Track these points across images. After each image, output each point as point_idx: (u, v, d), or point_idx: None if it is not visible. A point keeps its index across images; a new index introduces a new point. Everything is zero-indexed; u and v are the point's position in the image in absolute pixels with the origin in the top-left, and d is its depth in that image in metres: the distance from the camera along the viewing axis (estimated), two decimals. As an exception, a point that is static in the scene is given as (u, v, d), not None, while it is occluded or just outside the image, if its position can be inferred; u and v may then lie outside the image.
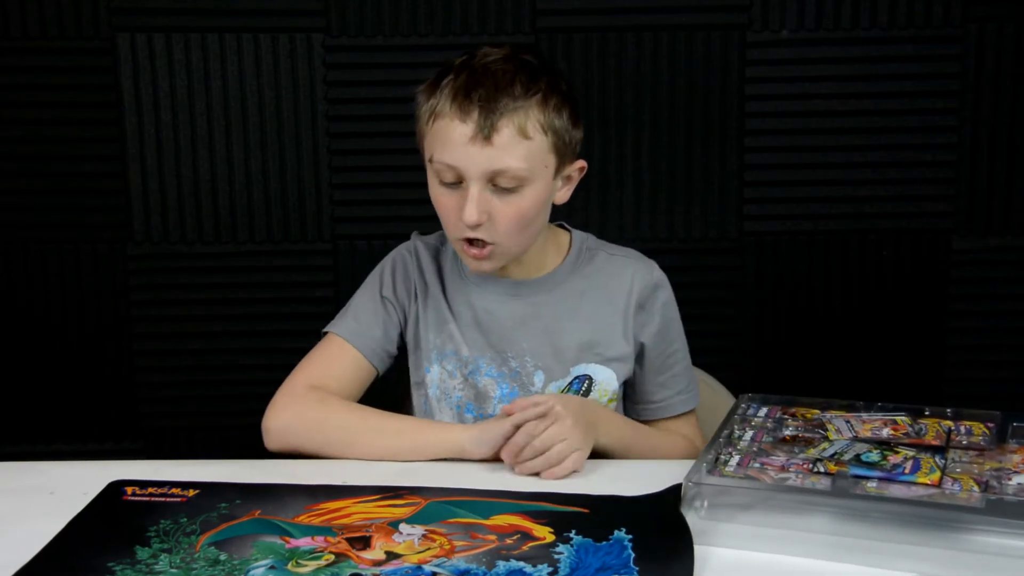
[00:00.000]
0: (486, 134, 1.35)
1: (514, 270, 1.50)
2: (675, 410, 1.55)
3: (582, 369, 1.48)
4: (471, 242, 1.41)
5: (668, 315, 1.54)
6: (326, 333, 1.53)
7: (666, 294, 1.54)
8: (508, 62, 1.40)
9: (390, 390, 1.60)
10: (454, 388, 1.47)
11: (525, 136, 1.37)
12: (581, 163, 1.47)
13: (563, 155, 1.43)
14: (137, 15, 2.16)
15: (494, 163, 1.36)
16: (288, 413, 1.43)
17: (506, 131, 1.36)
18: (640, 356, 1.52)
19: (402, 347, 1.54)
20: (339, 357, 1.49)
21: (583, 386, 1.48)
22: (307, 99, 2.19)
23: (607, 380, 1.49)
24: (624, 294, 1.51)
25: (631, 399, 1.56)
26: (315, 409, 1.43)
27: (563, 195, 1.47)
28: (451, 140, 1.36)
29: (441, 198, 1.41)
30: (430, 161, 1.40)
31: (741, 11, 2.16)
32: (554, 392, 1.47)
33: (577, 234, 1.56)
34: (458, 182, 1.38)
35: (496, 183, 1.37)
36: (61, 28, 2.16)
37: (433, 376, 1.49)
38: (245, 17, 2.16)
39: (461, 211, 1.38)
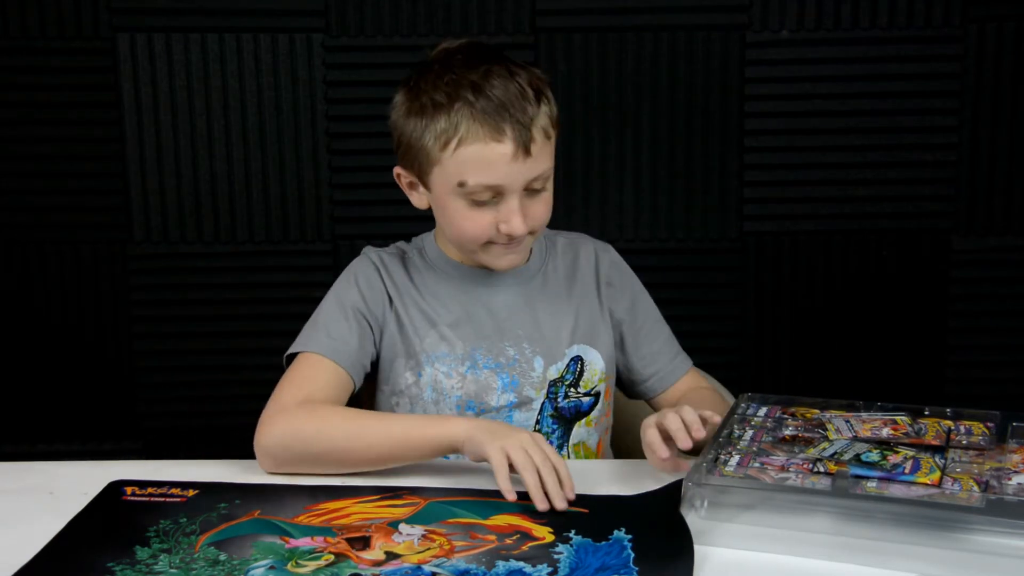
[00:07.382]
0: (526, 147, 1.36)
1: None
2: (679, 372, 1.56)
3: (575, 351, 1.50)
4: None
5: (635, 288, 1.58)
6: (294, 356, 1.43)
7: (627, 269, 1.58)
8: (485, 61, 1.38)
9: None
10: (452, 388, 1.47)
11: (548, 137, 1.40)
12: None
13: None
14: (137, 15, 2.16)
15: (533, 171, 1.38)
16: (281, 427, 1.33)
17: (539, 138, 1.38)
18: (621, 334, 1.55)
19: (374, 362, 1.49)
20: (320, 374, 1.41)
21: (578, 367, 1.50)
22: (307, 99, 2.19)
23: (595, 360, 1.51)
24: (592, 274, 1.54)
25: (633, 382, 1.57)
26: (309, 418, 1.34)
27: None
28: (491, 162, 1.35)
29: (474, 215, 1.39)
30: (460, 186, 1.37)
31: (741, 11, 2.16)
32: (554, 374, 1.48)
33: None
34: (493, 198, 1.39)
35: (530, 187, 1.39)
36: (61, 28, 2.16)
37: (427, 379, 1.47)
38: (245, 17, 2.16)
39: (498, 223, 1.38)
